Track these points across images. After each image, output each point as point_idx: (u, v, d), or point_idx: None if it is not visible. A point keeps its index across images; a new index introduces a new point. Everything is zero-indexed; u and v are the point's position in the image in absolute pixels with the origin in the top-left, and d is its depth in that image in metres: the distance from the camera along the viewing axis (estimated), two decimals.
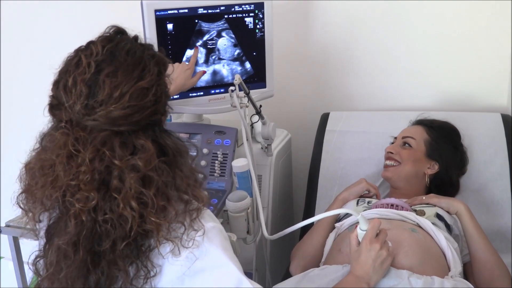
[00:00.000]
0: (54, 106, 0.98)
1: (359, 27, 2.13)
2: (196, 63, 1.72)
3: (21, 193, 1.03)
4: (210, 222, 1.03)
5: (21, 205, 1.03)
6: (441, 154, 1.72)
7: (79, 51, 0.99)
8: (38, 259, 1.02)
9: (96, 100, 0.94)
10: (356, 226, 1.31)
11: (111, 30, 1.03)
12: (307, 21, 2.18)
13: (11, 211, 1.10)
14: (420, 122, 1.83)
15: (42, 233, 1.02)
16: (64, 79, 0.97)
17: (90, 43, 1.00)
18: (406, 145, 1.74)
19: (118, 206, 0.93)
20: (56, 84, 0.98)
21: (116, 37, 1.02)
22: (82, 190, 0.93)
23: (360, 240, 1.30)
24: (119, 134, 0.96)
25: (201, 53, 1.74)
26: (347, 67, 2.20)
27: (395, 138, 1.81)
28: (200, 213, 1.02)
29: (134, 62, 0.98)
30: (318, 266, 1.59)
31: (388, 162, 1.74)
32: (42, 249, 1.01)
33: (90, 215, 0.94)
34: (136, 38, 1.04)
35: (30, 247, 1.07)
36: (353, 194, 1.70)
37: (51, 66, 1.02)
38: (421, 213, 1.54)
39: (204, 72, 1.74)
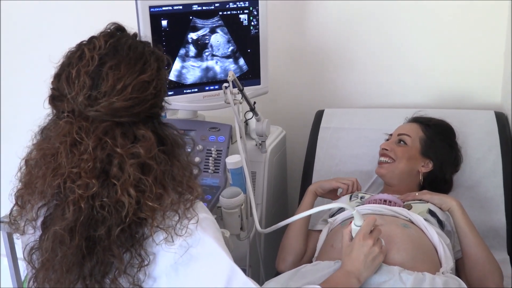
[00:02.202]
0: (56, 98, 1.00)
1: (354, 25, 2.13)
2: (190, 58, 1.72)
3: (20, 188, 1.03)
4: (203, 213, 1.05)
5: (19, 202, 1.04)
6: (436, 153, 1.72)
7: (81, 45, 1.02)
8: (33, 250, 1.03)
9: (99, 91, 0.96)
10: (351, 222, 1.31)
11: (112, 27, 1.06)
12: (302, 18, 2.18)
13: (7, 208, 1.10)
14: (416, 120, 1.82)
15: (38, 224, 1.03)
16: (66, 71, 0.99)
17: (92, 38, 1.02)
18: (401, 142, 1.74)
19: (116, 193, 0.95)
20: (57, 77, 1.00)
21: (116, 33, 1.04)
22: (82, 178, 0.95)
23: (353, 235, 1.30)
24: (120, 125, 0.98)
25: (195, 49, 1.74)
26: (342, 64, 2.20)
27: (390, 135, 1.80)
28: (193, 203, 1.04)
29: (136, 56, 1.00)
30: (302, 258, 1.61)
31: (382, 158, 1.74)
32: (38, 240, 1.02)
33: (89, 202, 0.95)
34: (135, 35, 1.07)
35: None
36: (321, 188, 1.69)
37: (50, 62, 1.03)
38: (408, 207, 1.55)
39: None
